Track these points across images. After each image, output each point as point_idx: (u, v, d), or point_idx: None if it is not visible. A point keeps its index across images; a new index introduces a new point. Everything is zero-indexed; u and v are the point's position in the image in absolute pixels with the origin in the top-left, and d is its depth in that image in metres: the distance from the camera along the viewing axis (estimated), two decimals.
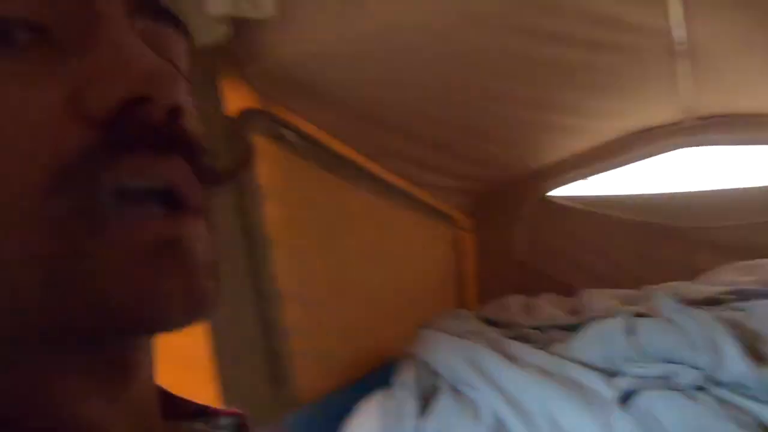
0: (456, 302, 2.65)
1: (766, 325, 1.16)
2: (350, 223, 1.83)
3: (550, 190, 2.73)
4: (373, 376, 1.58)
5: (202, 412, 0.32)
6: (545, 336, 1.75)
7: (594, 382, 1.18)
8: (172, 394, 0.31)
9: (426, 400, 1.34)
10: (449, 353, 1.46)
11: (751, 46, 1.67)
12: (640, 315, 1.36)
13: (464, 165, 2.35)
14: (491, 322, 1.83)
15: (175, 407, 0.31)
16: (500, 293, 2.40)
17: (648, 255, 2.55)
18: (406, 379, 1.44)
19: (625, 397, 1.10)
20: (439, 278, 2.63)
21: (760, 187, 2.48)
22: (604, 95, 2.03)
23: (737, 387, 1.05)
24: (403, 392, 1.38)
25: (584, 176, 2.64)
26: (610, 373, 1.23)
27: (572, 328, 1.71)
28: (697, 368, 1.10)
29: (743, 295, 1.48)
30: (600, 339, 1.32)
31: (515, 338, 1.57)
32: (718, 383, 1.08)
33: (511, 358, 1.36)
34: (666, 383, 1.11)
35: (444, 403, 1.30)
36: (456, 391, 1.34)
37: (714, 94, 2.08)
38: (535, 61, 1.63)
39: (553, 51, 1.58)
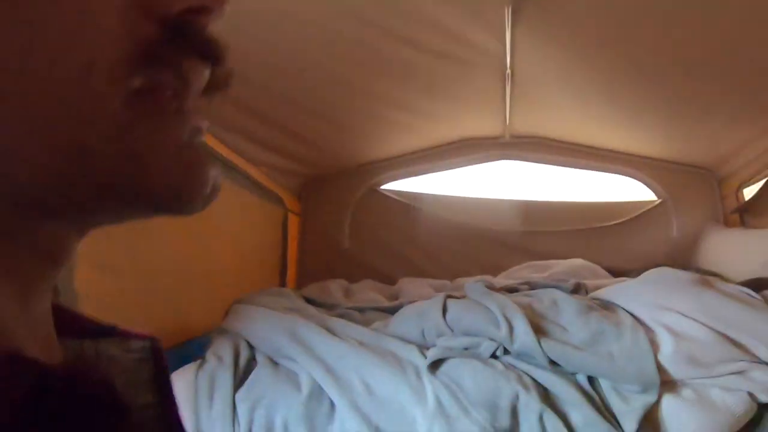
0: (278, 283, 2.61)
1: (547, 306, 1.40)
2: None
3: (382, 183, 2.88)
4: (183, 349, 1.46)
5: (109, 332, 0.29)
6: (364, 317, 1.82)
7: (408, 352, 1.27)
8: (66, 309, 0.28)
9: (242, 372, 1.28)
10: (267, 326, 1.43)
11: (562, 83, 2.01)
12: (451, 297, 1.50)
13: (302, 147, 2.35)
14: (311, 302, 1.83)
15: (71, 324, 0.28)
16: (321, 278, 2.45)
17: (464, 252, 2.85)
18: (220, 351, 1.36)
19: (435, 365, 1.21)
20: (265, 257, 2.55)
21: (560, 202, 2.99)
22: (443, 101, 2.24)
23: (524, 355, 1.24)
24: (216, 364, 1.29)
25: (414, 174, 2.85)
26: (424, 346, 1.33)
27: (391, 311, 1.83)
28: (494, 340, 1.26)
29: (533, 286, 1.76)
30: (417, 316, 1.42)
31: (335, 317, 1.61)
32: (510, 352, 1.26)
33: (330, 331, 1.38)
34: (469, 353, 1.25)
35: (260, 374, 1.26)
36: (273, 363, 1.31)
37: (530, 117, 2.45)
38: (384, 57, 1.74)
39: (404, 52, 1.70)
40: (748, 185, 2.62)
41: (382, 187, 2.89)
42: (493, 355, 1.25)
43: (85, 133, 0.21)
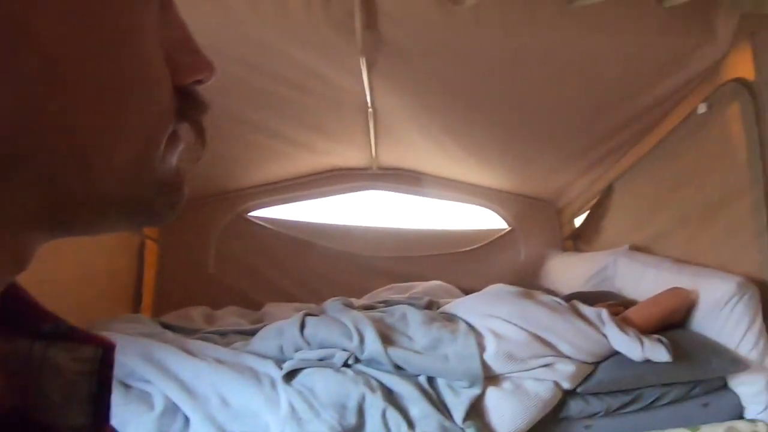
0: (131, 311, 2.54)
1: (397, 319, 1.61)
2: None
3: (251, 210, 2.98)
4: None
5: (64, 334, 0.29)
6: (226, 339, 1.89)
7: (265, 366, 1.38)
8: (29, 299, 0.29)
9: None
10: (119, 350, 1.44)
11: (416, 124, 2.32)
12: (310, 315, 1.65)
13: None
14: (169, 327, 1.86)
15: (30, 316, 0.29)
16: (183, 305, 2.45)
17: (331, 277, 3.02)
18: None
19: (290, 376, 1.34)
20: (117, 284, 2.48)
21: (423, 230, 3.31)
22: (315, 133, 2.44)
23: (373, 362, 1.43)
24: None
25: (285, 201, 2.99)
26: (283, 360, 1.46)
27: (253, 333, 1.92)
28: (347, 350, 1.44)
29: (390, 304, 1.98)
30: (276, 333, 1.55)
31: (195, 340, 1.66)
32: (362, 361, 1.44)
33: (188, 352, 1.45)
34: (324, 363, 1.41)
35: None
36: (126, 386, 1.34)
37: (394, 151, 2.74)
38: (254, 89, 1.89)
39: (274, 86, 1.89)
40: (578, 215, 3.19)
41: (251, 213, 2.97)
42: (346, 364, 1.42)
43: (144, 162, 0.27)
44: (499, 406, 1.39)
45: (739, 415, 1.65)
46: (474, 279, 3.24)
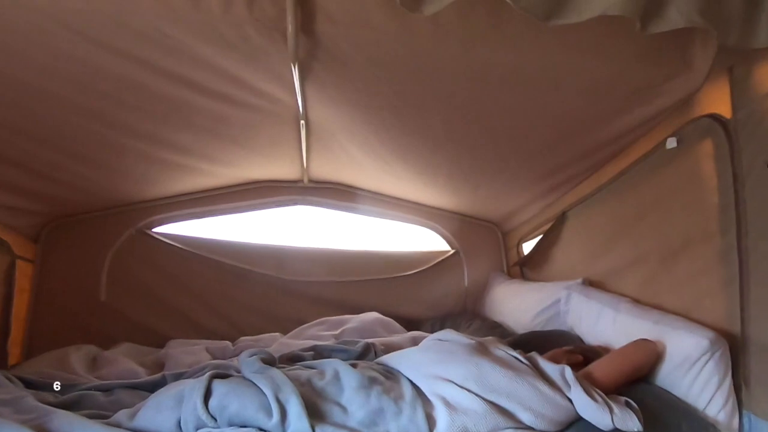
0: None
1: (328, 381, 1.37)
2: None
3: (155, 225, 2.63)
4: None
5: None
6: (111, 398, 1.58)
7: None
8: None
9: None
10: None
11: (354, 138, 2.11)
12: (219, 376, 1.37)
13: (39, 183, 2.03)
14: (32, 384, 1.52)
15: None
16: (65, 340, 2.09)
17: (252, 304, 2.73)
18: None
19: None
20: None
21: (359, 251, 3.08)
22: (236, 148, 2.17)
23: None
24: None
25: (196, 216, 2.66)
26: None
27: (147, 388, 1.62)
28: (264, 430, 1.18)
29: (320, 352, 1.74)
30: (174, 402, 1.27)
31: (68, 403, 1.35)
32: None
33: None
34: None
35: None
36: None
37: (327, 164, 2.51)
38: (156, 96, 1.64)
39: (183, 93, 1.63)
40: (526, 241, 3.09)
41: (155, 229, 2.62)
42: None
43: None
44: None
45: None
46: (415, 305, 3.08)
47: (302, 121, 1.90)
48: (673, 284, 1.88)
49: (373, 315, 2.62)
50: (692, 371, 1.56)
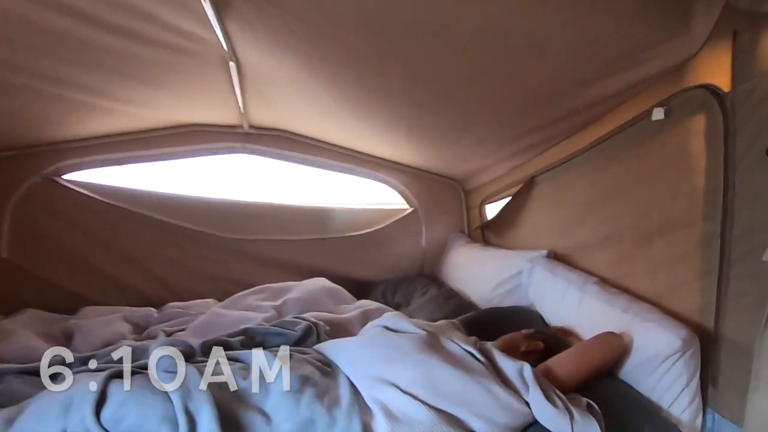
0: None
1: (257, 384, 1.23)
2: None
3: (67, 171, 2.35)
4: None
5: None
6: (0, 387, 1.40)
7: None
8: None
9: None
10: None
11: (293, 83, 1.88)
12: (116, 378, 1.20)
13: None
14: None
15: None
16: None
17: (183, 262, 2.54)
18: None
19: None
20: None
21: (305, 206, 2.90)
22: (157, 91, 1.92)
23: None
24: None
25: (117, 162, 2.39)
26: None
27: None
28: None
29: (249, 336, 1.59)
30: (61, 410, 1.10)
31: None
32: None
33: None
34: None
35: None
36: None
37: (268, 109, 2.28)
38: (53, 35, 1.42)
39: (78, 30, 1.41)
40: (489, 202, 2.97)
41: (67, 176, 2.35)
42: None
43: None
44: None
45: None
46: (368, 267, 2.96)
47: (232, 63, 1.66)
48: (647, 268, 1.80)
49: (319, 282, 2.47)
50: (660, 369, 1.51)
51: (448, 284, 2.83)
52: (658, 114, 1.68)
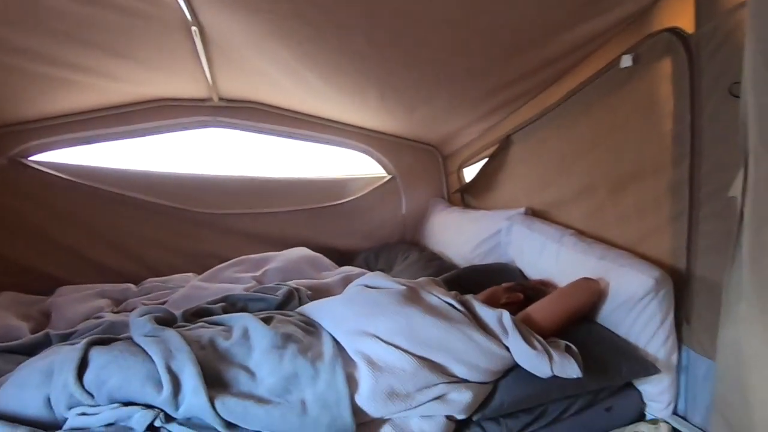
0: None
1: (236, 341, 1.25)
2: None
3: (34, 152, 2.30)
4: None
5: None
6: None
7: None
8: None
9: None
10: None
11: (263, 49, 1.86)
12: (102, 342, 1.21)
13: None
14: None
15: None
16: None
17: (158, 239, 2.53)
18: None
19: None
20: None
21: (282, 179, 2.89)
22: (117, 59, 1.87)
23: (195, 419, 1.07)
24: None
25: (85, 141, 2.35)
26: (48, 425, 1.04)
27: (23, 351, 1.45)
28: (153, 407, 1.05)
29: (230, 303, 1.60)
30: (42, 377, 1.11)
31: None
32: (176, 420, 1.07)
33: None
34: (115, 429, 1.02)
35: None
36: None
37: (234, 79, 2.24)
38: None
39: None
40: (467, 166, 2.99)
41: (33, 157, 2.31)
42: (152, 427, 1.04)
43: None
44: None
45: (641, 414, 1.61)
46: (348, 237, 2.98)
47: (194, 28, 1.63)
48: (621, 217, 1.85)
49: (299, 251, 2.49)
50: (635, 310, 1.56)
51: (430, 249, 2.86)
52: (626, 61, 1.70)
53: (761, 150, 1.17)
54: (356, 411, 1.14)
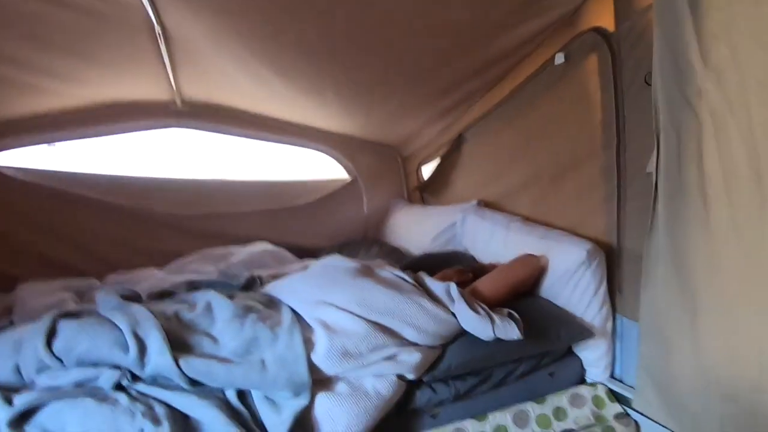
0: None
1: (199, 314, 1.34)
2: None
3: None
4: None
5: None
6: None
7: None
8: None
9: None
10: None
11: (222, 52, 1.96)
12: (70, 314, 1.29)
13: None
14: None
15: None
16: None
17: (122, 240, 2.57)
18: None
19: (26, 416, 1.01)
20: None
21: (244, 181, 2.97)
22: (79, 61, 1.92)
23: (160, 379, 1.15)
24: None
25: (46, 141, 2.40)
26: (18, 388, 1.11)
27: None
28: (119, 367, 1.14)
29: (194, 286, 1.68)
30: (12, 347, 1.18)
31: None
32: (143, 380, 1.15)
33: None
34: (83, 390, 1.10)
35: None
36: None
37: (197, 82, 2.33)
38: None
39: None
40: (425, 164, 3.14)
41: None
42: (120, 386, 1.12)
43: None
44: (332, 414, 1.23)
45: (581, 378, 1.75)
46: (310, 238, 3.05)
47: (158, 28, 1.72)
48: (562, 202, 2.01)
49: (261, 245, 2.57)
50: (572, 281, 1.71)
51: (390, 244, 2.98)
52: (559, 59, 1.88)
53: (669, 129, 1.34)
54: (312, 368, 1.24)
